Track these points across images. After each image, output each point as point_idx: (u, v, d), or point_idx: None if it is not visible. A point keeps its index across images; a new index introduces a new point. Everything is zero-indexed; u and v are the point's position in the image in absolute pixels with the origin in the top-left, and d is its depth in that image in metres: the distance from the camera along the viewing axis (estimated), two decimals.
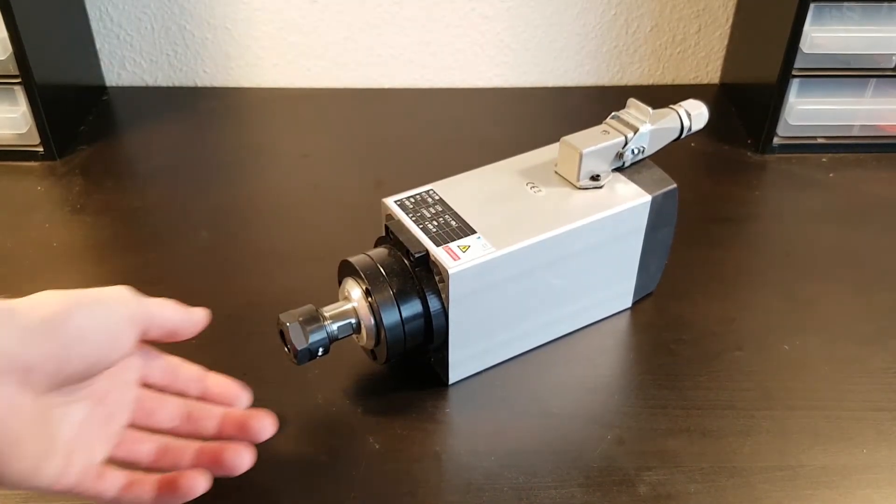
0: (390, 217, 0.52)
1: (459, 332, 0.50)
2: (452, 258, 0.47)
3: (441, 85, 0.90)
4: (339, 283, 0.52)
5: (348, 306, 0.50)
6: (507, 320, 0.52)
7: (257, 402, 0.51)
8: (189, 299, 0.59)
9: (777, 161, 0.76)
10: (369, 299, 0.49)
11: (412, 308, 0.49)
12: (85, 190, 0.72)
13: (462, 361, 0.52)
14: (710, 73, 0.91)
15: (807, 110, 0.75)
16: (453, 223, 0.50)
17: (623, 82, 0.91)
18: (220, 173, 0.75)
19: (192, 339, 0.56)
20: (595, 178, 0.53)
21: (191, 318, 0.44)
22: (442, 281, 0.48)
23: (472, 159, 0.57)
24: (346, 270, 0.51)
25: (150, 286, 0.61)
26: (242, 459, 0.42)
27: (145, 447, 0.42)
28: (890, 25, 0.72)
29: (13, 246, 0.66)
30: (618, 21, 0.87)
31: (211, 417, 0.44)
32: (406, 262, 0.49)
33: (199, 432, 0.44)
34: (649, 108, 0.54)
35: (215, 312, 0.58)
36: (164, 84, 0.90)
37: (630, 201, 0.53)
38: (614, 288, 0.57)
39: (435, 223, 0.50)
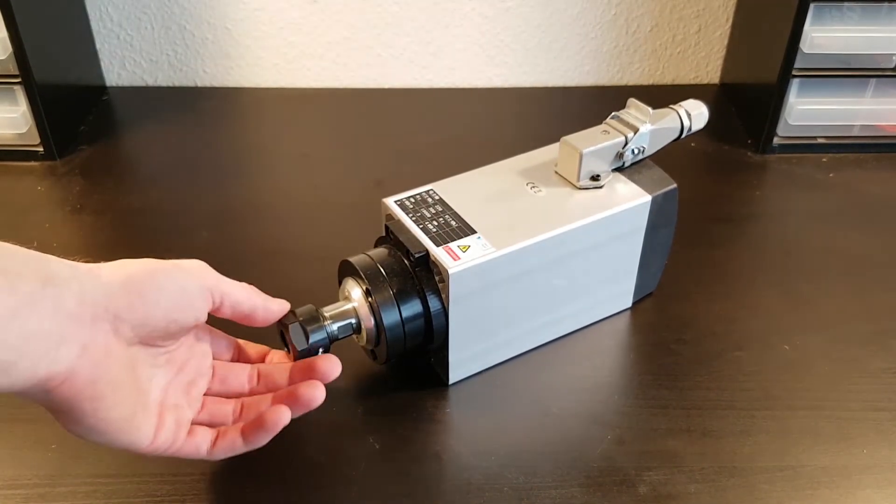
0: (390, 217, 0.52)
1: (459, 332, 0.50)
2: (452, 258, 0.47)
3: (441, 85, 0.90)
4: (340, 283, 0.52)
5: (348, 306, 0.50)
6: (508, 320, 0.52)
7: None
8: None
9: (777, 161, 0.76)
10: (369, 299, 0.49)
11: (412, 308, 0.49)
12: (85, 190, 0.72)
13: (462, 361, 0.52)
14: (710, 73, 0.91)
15: (807, 110, 0.75)
16: (453, 223, 0.50)
17: (623, 82, 0.91)
18: (220, 173, 0.75)
19: None
20: (595, 178, 0.53)
21: (267, 307, 0.46)
22: (442, 281, 0.48)
23: (472, 159, 0.57)
24: (347, 270, 0.51)
25: None
26: (316, 392, 0.45)
27: (226, 408, 0.46)
28: (890, 25, 0.72)
29: None
30: (618, 21, 0.87)
31: (280, 373, 0.47)
32: (406, 262, 0.49)
33: (271, 388, 0.47)
34: (649, 108, 0.54)
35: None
36: (164, 84, 0.90)
37: (630, 201, 0.53)
38: (614, 288, 0.57)
39: (435, 223, 0.50)
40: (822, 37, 0.72)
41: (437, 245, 0.48)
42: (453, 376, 0.52)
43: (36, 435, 0.49)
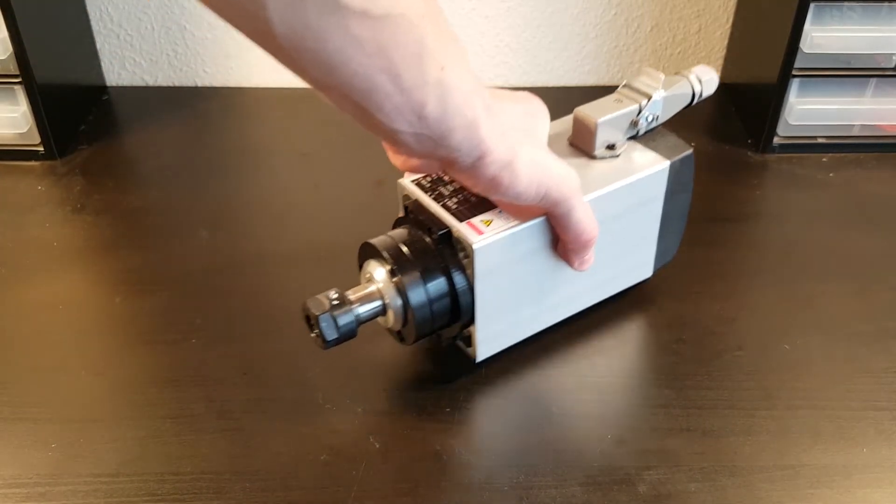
0: (407, 198, 0.51)
1: (486, 307, 0.49)
2: (476, 232, 0.47)
3: None
4: (360, 266, 0.51)
5: (373, 288, 0.49)
6: (532, 294, 0.52)
7: (257, 402, 0.52)
8: (189, 299, 0.60)
9: (777, 161, 0.76)
10: (394, 279, 0.48)
11: (438, 286, 0.48)
12: (85, 190, 0.72)
13: (489, 338, 0.52)
14: None
15: (807, 110, 0.75)
16: (472, 199, 0.50)
17: (623, 82, 0.91)
18: (220, 173, 0.75)
19: (192, 338, 0.56)
20: (611, 147, 0.53)
21: (583, 258, 0.50)
22: (466, 257, 0.47)
23: None
24: (368, 253, 0.50)
25: (150, 286, 0.61)
26: None
27: None
28: (890, 25, 0.72)
29: (13, 246, 0.66)
30: (618, 21, 0.87)
31: None
32: (429, 240, 0.49)
33: None
34: (661, 75, 0.54)
35: (215, 312, 0.59)
36: (164, 84, 0.90)
37: (649, 168, 0.52)
38: (635, 257, 0.57)
39: (454, 200, 0.50)
40: (822, 37, 0.72)
41: (460, 221, 0.48)
42: (480, 353, 0.52)
43: (36, 435, 0.49)
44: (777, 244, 0.66)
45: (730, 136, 0.80)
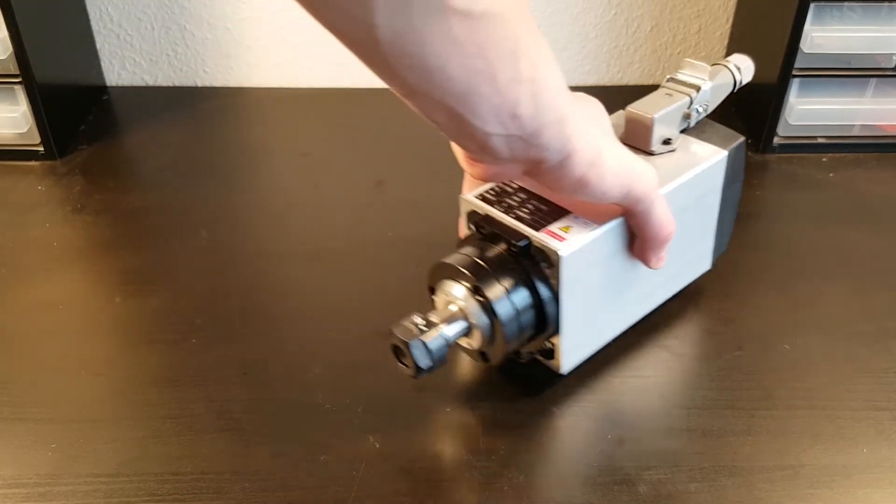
0: (475, 213, 0.50)
1: (570, 316, 0.49)
2: (559, 240, 0.46)
3: None
4: (429, 289, 0.50)
5: (455, 308, 0.48)
6: (610, 297, 0.51)
7: (257, 402, 0.52)
8: (189, 299, 0.60)
9: (777, 161, 0.76)
10: (478, 297, 0.47)
11: (524, 299, 0.47)
12: (85, 190, 0.72)
13: (573, 348, 0.51)
14: None
15: (807, 110, 0.75)
16: (544, 207, 0.49)
17: (623, 82, 0.91)
18: (220, 173, 0.75)
19: (192, 338, 0.56)
20: (667, 142, 0.53)
21: (660, 255, 0.49)
22: (550, 266, 0.47)
23: None
24: (443, 273, 0.49)
25: (149, 286, 0.61)
26: None
27: None
28: (890, 25, 0.72)
29: (13, 246, 0.66)
30: (618, 21, 0.87)
31: None
32: (507, 253, 0.48)
33: None
34: (707, 65, 0.54)
35: (215, 312, 0.59)
36: (164, 84, 0.90)
37: (709, 159, 0.52)
38: (697, 250, 0.57)
39: (525, 210, 0.49)
40: (822, 37, 0.72)
41: (538, 230, 0.47)
42: (565, 365, 0.51)
43: (36, 435, 0.49)
44: (777, 244, 0.66)
45: None
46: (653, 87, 0.55)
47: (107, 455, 0.48)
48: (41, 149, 0.75)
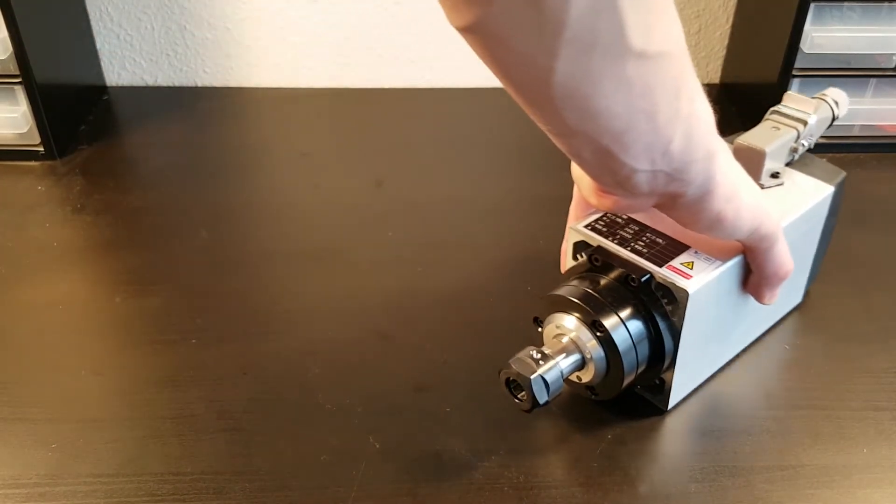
0: (586, 244, 0.49)
1: (687, 352, 0.48)
2: (684, 277, 0.45)
3: (441, 85, 0.90)
4: (535, 321, 0.50)
5: (567, 341, 0.47)
6: (720, 333, 0.51)
7: (257, 402, 0.52)
8: (189, 299, 0.60)
9: None
10: (594, 331, 0.46)
11: (641, 334, 0.46)
12: (85, 190, 0.72)
13: (682, 383, 0.50)
14: (710, 73, 0.91)
15: None
16: (660, 241, 0.48)
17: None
18: (220, 173, 0.75)
19: (192, 338, 0.56)
20: (775, 175, 0.53)
21: (774, 292, 0.49)
22: (670, 302, 0.46)
23: (473, 160, 0.57)
24: (555, 306, 0.48)
25: (150, 286, 0.61)
26: None
27: None
28: (890, 25, 0.72)
29: (13, 246, 0.66)
30: None
31: None
32: (625, 287, 0.47)
33: None
34: (810, 99, 0.53)
35: (215, 312, 0.59)
36: (164, 84, 0.90)
37: (818, 194, 0.52)
38: (794, 282, 0.56)
39: (641, 243, 0.48)
40: (822, 37, 0.72)
41: (660, 266, 0.46)
42: (673, 400, 0.50)
43: (36, 435, 0.49)
44: None
45: (730, 136, 0.80)
46: None
47: (107, 455, 0.48)
48: (41, 149, 0.75)
